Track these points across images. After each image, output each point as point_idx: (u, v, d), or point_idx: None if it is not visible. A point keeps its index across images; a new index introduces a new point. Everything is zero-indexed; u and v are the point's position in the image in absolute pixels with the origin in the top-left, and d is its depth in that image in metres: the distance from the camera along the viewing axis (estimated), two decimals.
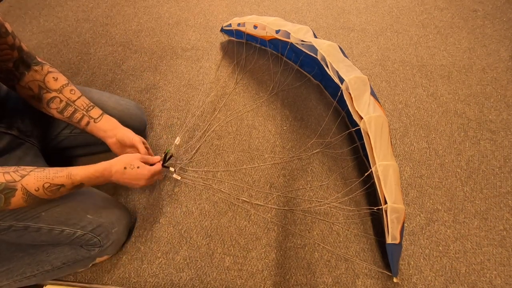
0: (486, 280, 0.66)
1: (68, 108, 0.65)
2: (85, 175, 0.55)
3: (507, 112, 0.95)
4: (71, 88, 0.65)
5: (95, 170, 0.57)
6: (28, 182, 0.50)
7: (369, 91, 0.72)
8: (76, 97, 0.65)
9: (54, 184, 0.52)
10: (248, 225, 0.74)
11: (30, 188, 0.50)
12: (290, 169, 0.83)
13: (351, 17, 1.28)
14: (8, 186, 0.48)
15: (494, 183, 0.80)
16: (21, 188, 0.49)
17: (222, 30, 1.14)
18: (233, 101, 0.99)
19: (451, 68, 1.08)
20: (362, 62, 1.10)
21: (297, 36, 0.82)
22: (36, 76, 0.62)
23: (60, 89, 0.64)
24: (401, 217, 0.64)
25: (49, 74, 0.63)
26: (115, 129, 0.68)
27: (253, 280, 0.66)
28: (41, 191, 0.51)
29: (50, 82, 0.63)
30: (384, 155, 0.67)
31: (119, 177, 0.60)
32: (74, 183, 0.54)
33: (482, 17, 1.26)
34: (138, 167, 0.62)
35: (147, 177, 0.63)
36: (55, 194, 0.53)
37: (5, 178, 0.48)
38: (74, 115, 0.65)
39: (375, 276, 0.66)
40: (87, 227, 0.60)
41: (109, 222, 0.63)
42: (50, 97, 0.63)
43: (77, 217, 0.60)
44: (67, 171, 0.54)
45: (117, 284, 0.66)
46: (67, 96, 0.64)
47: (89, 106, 0.67)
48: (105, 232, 0.62)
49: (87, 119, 0.66)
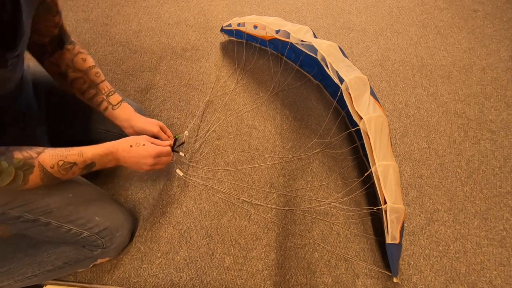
0: (486, 280, 0.66)
1: (90, 90, 0.65)
2: (95, 152, 0.56)
3: (507, 112, 0.95)
4: (96, 71, 0.66)
5: (104, 148, 0.57)
6: (44, 158, 0.50)
7: (369, 91, 0.72)
8: (99, 81, 0.66)
9: (68, 162, 0.52)
10: (248, 225, 0.74)
11: (46, 165, 0.50)
12: (290, 169, 0.83)
13: (351, 17, 1.28)
14: (27, 163, 0.47)
15: (494, 183, 0.80)
16: (38, 164, 0.49)
17: (222, 30, 1.14)
18: (233, 101, 0.99)
19: (451, 68, 1.08)
20: (362, 62, 1.10)
21: (297, 36, 0.82)
22: (66, 54, 0.62)
23: (86, 71, 0.64)
24: (401, 217, 0.64)
25: (79, 55, 0.64)
26: (130, 120, 0.68)
27: (253, 280, 0.66)
28: (56, 169, 0.51)
29: (78, 63, 0.63)
30: (384, 155, 0.67)
31: (125, 156, 0.60)
32: (86, 161, 0.55)
33: (482, 17, 1.26)
34: (144, 144, 0.61)
35: (153, 155, 0.62)
36: (68, 173, 0.53)
37: (23, 155, 0.47)
38: (94, 98, 0.65)
39: (375, 276, 0.66)
40: (94, 229, 0.61)
41: (115, 225, 0.63)
42: (75, 77, 0.64)
43: (86, 217, 0.60)
44: (78, 149, 0.54)
45: (117, 284, 0.66)
46: (92, 78, 0.65)
47: (110, 91, 0.67)
48: (109, 235, 0.62)
49: (106, 104, 0.66)
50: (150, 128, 0.68)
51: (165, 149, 0.65)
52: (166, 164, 0.67)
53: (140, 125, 0.67)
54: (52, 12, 0.55)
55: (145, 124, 0.68)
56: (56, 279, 0.66)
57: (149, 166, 0.63)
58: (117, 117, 0.67)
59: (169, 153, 0.66)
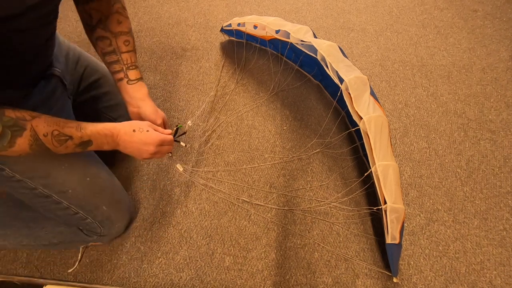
0: (486, 280, 0.66)
1: (112, 55, 0.61)
2: (94, 129, 0.52)
3: (507, 112, 0.95)
4: (127, 38, 0.61)
5: (103, 127, 0.53)
6: (38, 123, 0.45)
7: (369, 91, 0.72)
8: (126, 50, 0.61)
9: (63, 133, 0.48)
10: (248, 225, 0.74)
11: (39, 131, 0.45)
12: (290, 169, 0.83)
13: (351, 17, 1.28)
14: (18, 123, 0.43)
15: (494, 183, 0.80)
16: (30, 128, 0.44)
17: (222, 30, 1.14)
18: (233, 101, 0.99)
19: (451, 68, 1.08)
20: (362, 62, 1.10)
21: (297, 36, 0.82)
22: (103, 7, 0.58)
23: (116, 34, 0.60)
24: (400, 217, 0.64)
25: (116, 15, 0.59)
26: (141, 100, 0.63)
27: (253, 280, 0.66)
28: (49, 138, 0.47)
29: (112, 23, 0.59)
30: (384, 155, 0.67)
31: (127, 140, 0.56)
32: (83, 138, 0.51)
33: (482, 17, 1.26)
34: (147, 131, 0.58)
35: (156, 142, 0.58)
36: (61, 146, 0.49)
37: (16, 115, 0.43)
38: (114, 64, 0.61)
39: (375, 276, 0.66)
40: (98, 216, 0.62)
41: (116, 217, 0.65)
42: (102, 35, 0.59)
43: (94, 205, 0.61)
44: (77, 123, 0.51)
45: (117, 284, 0.66)
46: (119, 44, 0.60)
47: (132, 65, 0.63)
48: (109, 225, 0.64)
49: (122, 75, 0.62)
50: (154, 117, 0.64)
51: (168, 138, 0.62)
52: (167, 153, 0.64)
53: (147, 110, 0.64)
54: None
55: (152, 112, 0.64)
56: (56, 279, 0.66)
57: (149, 154, 0.60)
58: (129, 92, 0.63)
59: (172, 142, 0.63)
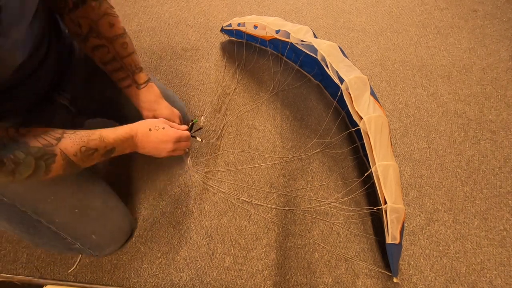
0: (486, 280, 0.66)
1: (113, 63, 0.56)
2: (116, 137, 0.51)
3: (507, 112, 0.95)
4: (123, 41, 0.56)
5: (123, 131, 0.52)
6: (66, 146, 0.44)
7: (369, 91, 0.72)
8: (126, 54, 0.56)
9: (90, 148, 0.47)
10: (248, 225, 0.74)
11: (69, 153, 0.44)
12: (290, 169, 0.83)
13: (351, 17, 1.28)
14: (47, 151, 0.41)
15: (494, 183, 0.80)
16: (61, 153, 0.43)
17: (222, 30, 1.14)
18: (233, 101, 0.99)
19: (451, 68, 1.08)
20: (362, 62, 1.10)
21: (297, 36, 0.82)
22: (90, 13, 0.51)
23: (112, 39, 0.54)
24: (401, 217, 0.64)
25: (106, 17, 0.53)
26: (155, 103, 0.61)
27: (253, 280, 0.66)
28: (79, 156, 0.46)
29: (103, 27, 0.53)
30: (384, 155, 0.67)
31: (144, 141, 0.55)
32: (107, 147, 0.50)
33: (482, 17, 1.26)
34: (163, 128, 0.56)
35: (173, 139, 0.57)
36: (88, 160, 0.48)
37: (40, 142, 0.41)
38: (117, 72, 0.57)
39: (375, 276, 0.66)
40: (87, 244, 0.61)
41: (107, 244, 0.64)
42: (98, 44, 0.54)
43: (83, 234, 0.61)
44: (99, 133, 0.49)
45: (117, 284, 0.66)
46: (117, 49, 0.55)
47: (137, 68, 0.59)
48: (99, 249, 0.63)
49: (129, 82, 0.59)
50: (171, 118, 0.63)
51: (185, 133, 0.60)
52: (185, 149, 0.62)
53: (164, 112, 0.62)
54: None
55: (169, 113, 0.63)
56: (56, 279, 0.66)
57: (167, 152, 0.58)
58: (141, 97, 0.60)
59: (189, 137, 0.62)
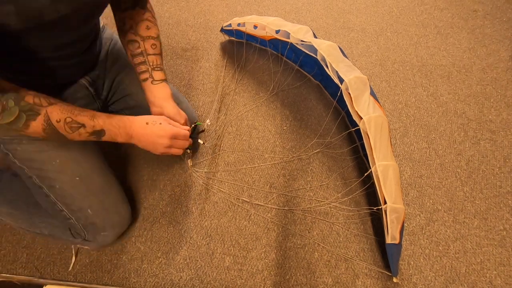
0: (486, 280, 0.66)
1: (139, 56, 0.65)
2: (108, 120, 0.55)
3: (507, 112, 0.95)
4: (154, 42, 0.66)
5: (118, 119, 0.56)
6: (53, 110, 0.49)
7: (369, 91, 0.72)
8: (152, 52, 0.66)
9: (76, 121, 0.51)
10: (248, 225, 0.74)
11: (53, 117, 0.49)
12: (290, 169, 0.83)
13: (351, 17, 1.28)
14: (33, 108, 0.47)
15: (494, 183, 0.80)
16: (44, 114, 0.48)
17: (222, 30, 1.14)
18: (233, 101, 0.99)
19: (451, 68, 1.08)
20: (362, 62, 1.10)
21: (297, 36, 0.82)
22: (134, 16, 0.65)
23: (145, 38, 0.65)
24: (401, 217, 0.64)
25: (145, 22, 0.65)
26: (164, 100, 0.66)
27: (253, 280, 0.66)
28: (61, 124, 0.50)
29: (141, 28, 0.65)
30: (384, 155, 0.67)
31: (140, 133, 0.58)
32: (95, 127, 0.53)
33: (482, 17, 1.26)
34: (160, 123, 0.59)
35: (169, 135, 0.59)
36: (73, 133, 0.52)
37: (34, 101, 0.47)
38: (140, 65, 0.66)
39: (375, 276, 0.66)
40: (82, 219, 0.61)
41: (102, 225, 0.62)
42: (132, 39, 0.65)
43: (79, 206, 0.61)
44: (93, 112, 0.54)
45: (117, 284, 0.66)
46: (146, 47, 0.65)
47: (157, 66, 0.67)
48: (93, 231, 0.62)
49: (147, 75, 0.66)
50: (178, 118, 0.65)
51: (182, 132, 0.62)
52: (183, 148, 0.65)
53: (170, 110, 0.65)
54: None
55: (175, 113, 0.65)
56: (56, 279, 0.66)
57: (164, 148, 0.60)
58: (153, 91, 0.66)
59: (187, 137, 0.64)
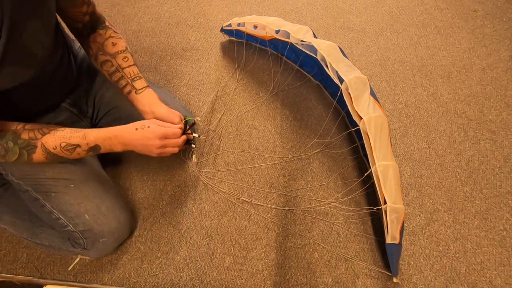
0: (486, 280, 0.66)
1: (116, 73, 0.67)
2: (98, 136, 0.58)
3: (507, 112, 0.95)
4: (125, 55, 0.67)
5: (107, 131, 0.59)
6: (47, 140, 0.54)
7: (369, 91, 0.72)
8: (126, 65, 0.67)
9: (70, 144, 0.56)
10: (248, 225, 0.74)
11: (49, 146, 0.54)
12: (290, 169, 0.83)
13: (351, 17, 1.28)
14: (30, 143, 0.53)
15: (494, 183, 0.80)
16: (41, 145, 0.54)
17: (222, 30, 1.14)
18: (233, 101, 0.99)
19: (451, 68, 1.08)
20: (362, 62, 1.10)
21: (297, 36, 0.82)
22: (98, 38, 0.66)
23: (114, 54, 0.66)
24: (401, 217, 0.64)
25: (109, 39, 0.66)
26: (153, 105, 0.66)
27: (253, 280, 0.66)
28: (58, 150, 0.55)
29: (108, 46, 0.66)
30: (384, 155, 0.67)
31: (131, 139, 0.59)
32: (89, 144, 0.57)
33: (482, 17, 1.26)
34: (149, 126, 0.60)
35: (158, 135, 0.59)
36: (72, 153, 0.57)
37: (29, 136, 0.53)
38: (120, 81, 0.67)
39: (375, 276, 0.66)
40: (79, 226, 0.60)
41: (100, 231, 0.62)
42: (104, 60, 0.66)
43: (76, 212, 0.60)
44: (83, 132, 0.57)
45: (117, 284, 0.66)
46: (119, 62, 0.66)
47: (136, 76, 0.67)
48: (92, 238, 0.61)
49: (130, 88, 0.67)
50: (171, 117, 0.65)
51: (171, 130, 0.62)
52: (178, 146, 0.64)
53: (162, 112, 0.65)
54: (76, 4, 0.59)
55: (167, 113, 0.65)
56: (56, 279, 0.66)
57: (157, 149, 0.61)
58: (140, 100, 0.67)
59: (177, 134, 0.64)
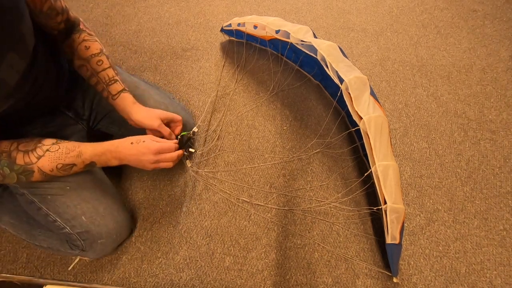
0: (486, 280, 0.66)
1: (92, 78, 0.65)
2: (93, 152, 0.57)
3: (507, 112, 0.95)
4: (99, 58, 0.65)
5: (102, 147, 0.58)
6: (43, 164, 0.54)
7: (369, 91, 0.72)
8: (100, 69, 0.65)
9: (66, 164, 0.56)
10: (248, 225, 0.74)
11: (45, 169, 0.54)
12: (290, 169, 0.83)
13: (351, 17, 1.28)
14: (26, 169, 0.53)
15: (494, 183, 0.80)
16: (38, 169, 0.53)
17: (222, 30, 1.14)
18: (233, 101, 0.99)
19: (451, 68, 1.08)
20: (362, 62, 1.10)
21: (297, 36, 0.82)
22: (72, 43, 0.64)
23: (88, 59, 0.64)
24: (401, 217, 0.64)
25: (83, 43, 0.64)
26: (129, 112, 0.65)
27: (253, 280, 0.66)
28: (55, 172, 0.55)
29: (81, 51, 0.64)
30: (384, 155, 0.67)
31: (127, 154, 0.59)
32: (85, 162, 0.57)
33: (482, 17, 1.26)
34: (144, 141, 0.60)
35: (153, 151, 0.59)
36: (69, 172, 0.57)
37: (24, 161, 0.52)
38: (97, 85, 0.66)
39: (375, 276, 0.66)
40: (76, 227, 0.60)
41: (98, 232, 0.61)
42: (79, 65, 0.65)
43: (72, 214, 0.60)
44: (78, 150, 0.56)
45: (117, 284, 0.66)
46: (93, 66, 0.64)
47: (110, 80, 0.65)
48: (90, 239, 0.61)
49: (106, 93, 0.66)
50: (149, 122, 0.64)
51: (166, 145, 0.61)
52: (173, 160, 0.64)
53: (138, 117, 0.64)
54: (51, 16, 0.57)
55: (144, 117, 0.64)
56: (56, 279, 0.66)
57: (151, 164, 0.60)
58: (118, 107, 0.66)
59: (172, 149, 0.63)
